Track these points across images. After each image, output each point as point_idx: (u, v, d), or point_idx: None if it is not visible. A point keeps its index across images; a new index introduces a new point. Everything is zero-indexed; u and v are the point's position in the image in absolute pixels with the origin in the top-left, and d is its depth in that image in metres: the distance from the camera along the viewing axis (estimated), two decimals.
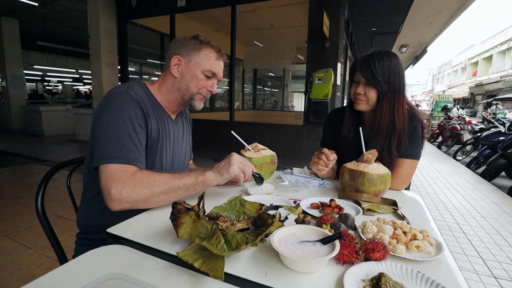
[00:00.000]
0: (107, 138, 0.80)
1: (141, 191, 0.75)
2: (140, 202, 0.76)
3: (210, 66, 0.98)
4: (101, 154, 0.79)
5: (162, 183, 0.77)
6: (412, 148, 1.13)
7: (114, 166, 0.77)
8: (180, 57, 0.97)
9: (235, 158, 0.86)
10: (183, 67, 0.97)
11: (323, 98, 3.98)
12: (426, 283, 0.50)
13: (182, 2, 4.87)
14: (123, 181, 0.75)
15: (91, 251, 0.60)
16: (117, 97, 0.86)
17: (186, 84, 0.98)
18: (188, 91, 0.99)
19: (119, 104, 0.85)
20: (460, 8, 6.04)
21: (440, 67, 46.34)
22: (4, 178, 4.02)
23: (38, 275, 0.54)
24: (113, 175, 0.76)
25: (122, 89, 0.89)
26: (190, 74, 0.97)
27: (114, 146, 0.79)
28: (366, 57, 1.10)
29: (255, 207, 0.76)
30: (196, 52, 0.97)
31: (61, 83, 17.52)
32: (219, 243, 0.54)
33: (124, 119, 0.83)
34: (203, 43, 0.98)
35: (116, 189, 0.74)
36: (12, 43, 7.59)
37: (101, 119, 0.84)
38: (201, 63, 0.97)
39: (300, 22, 5.25)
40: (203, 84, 0.99)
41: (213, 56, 0.98)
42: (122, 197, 0.74)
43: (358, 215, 0.81)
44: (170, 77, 0.99)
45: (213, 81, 1.01)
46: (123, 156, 0.79)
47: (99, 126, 0.83)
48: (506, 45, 21.96)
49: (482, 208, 3.19)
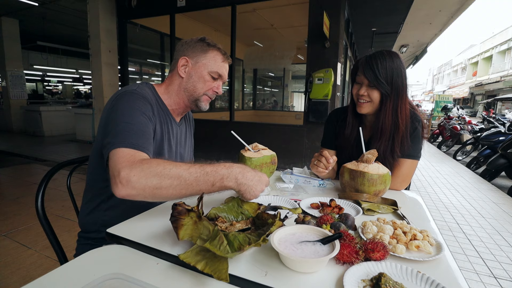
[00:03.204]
0: (116, 127, 0.80)
1: (149, 178, 0.69)
2: (147, 190, 0.70)
3: (217, 67, 1.01)
4: (110, 142, 0.77)
5: (173, 175, 0.71)
6: (413, 148, 1.13)
7: (122, 149, 0.75)
8: (188, 58, 0.99)
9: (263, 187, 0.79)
10: (190, 68, 1.00)
11: (323, 98, 3.98)
12: (426, 283, 0.50)
13: (182, 2, 4.87)
14: (131, 164, 0.71)
15: (91, 251, 0.60)
16: (128, 94, 0.88)
17: (193, 84, 1.00)
18: (194, 91, 1.01)
19: (129, 99, 0.87)
20: (460, 8, 6.04)
21: (440, 67, 46.33)
22: (4, 178, 4.02)
23: (38, 275, 0.54)
24: (120, 158, 0.73)
25: (132, 88, 0.91)
26: (197, 75, 1.00)
27: (123, 133, 0.78)
28: (369, 58, 1.09)
29: (253, 207, 0.76)
30: (203, 54, 1.00)
31: (61, 83, 17.53)
32: (221, 244, 0.54)
33: (134, 111, 0.84)
34: (210, 46, 1.01)
35: (124, 171, 0.69)
36: (12, 43, 7.58)
37: (110, 114, 0.85)
38: (208, 64, 1.00)
39: (300, 22, 5.24)
40: (209, 85, 1.02)
41: (220, 58, 1.01)
42: (129, 180, 0.68)
43: (358, 215, 0.81)
44: (177, 78, 1.02)
45: (218, 82, 1.04)
46: (132, 142, 0.77)
47: (109, 120, 0.84)
48: (506, 45, 21.96)
49: (482, 208, 3.19)
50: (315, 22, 3.91)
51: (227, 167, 0.75)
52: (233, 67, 4.80)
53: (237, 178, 0.74)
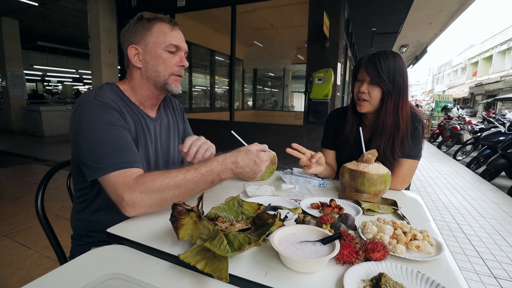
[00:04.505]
0: (93, 152, 0.77)
1: (151, 196, 0.72)
2: (154, 206, 0.74)
3: (169, 39, 0.90)
4: (94, 167, 0.76)
5: (172, 187, 0.73)
6: (413, 148, 1.13)
7: (112, 174, 0.74)
8: (135, 45, 0.90)
9: (265, 164, 0.80)
10: (142, 54, 0.90)
11: (323, 98, 3.98)
12: (426, 283, 0.50)
13: (182, 2, 4.87)
14: (128, 187, 0.72)
15: (91, 251, 0.60)
16: (87, 106, 0.81)
17: (154, 69, 0.91)
18: (158, 76, 0.91)
19: (91, 113, 0.80)
20: (460, 8, 6.04)
21: (440, 67, 46.34)
22: (4, 178, 4.02)
23: (38, 275, 0.54)
24: (115, 184, 0.73)
25: (90, 97, 0.83)
26: (153, 57, 0.90)
27: (103, 157, 0.76)
28: (372, 56, 1.10)
29: (253, 207, 0.76)
30: (149, 32, 0.89)
31: (61, 83, 17.53)
32: (221, 244, 0.54)
33: (101, 126, 0.79)
34: (151, 20, 0.90)
35: (126, 195, 0.71)
36: (12, 43, 7.58)
37: (79, 133, 0.79)
38: (158, 41, 0.89)
39: (300, 22, 5.24)
40: (171, 62, 0.92)
41: (167, 28, 0.91)
42: (135, 202, 0.71)
43: (358, 215, 0.81)
44: (135, 70, 0.93)
45: (179, 54, 0.94)
46: (116, 162, 0.75)
47: (80, 140, 0.79)
48: (506, 45, 21.96)
49: (482, 208, 3.19)
50: (315, 22, 3.91)
51: (220, 161, 0.78)
52: (233, 67, 4.80)
53: (231, 169, 0.78)
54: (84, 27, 5.96)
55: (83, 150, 0.79)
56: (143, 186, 0.72)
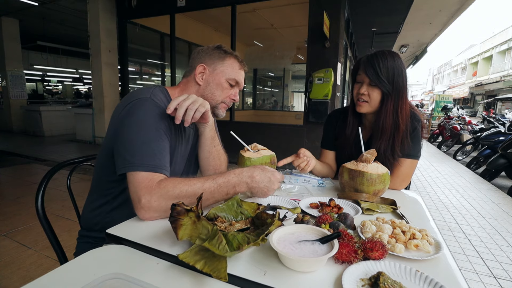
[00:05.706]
0: (132, 146, 0.80)
1: (168, 201, 0.74)
2: (168, 212, 0.75)
3: (234, 75, 1.01)
4: (127, 161, 0.79)
5: (190, 195, 0.77)
6: (413, 147, 1.14)
7: (141, 174, 0.77)
8: (205, 65, 0.99)
9: (278, 184, 0.87)
10: (207, 75, 1.00)
11: (323, 98, 3.98)
12: (424, 282, 0.50)
13: (182, 2, 4.87)
14: (150, 190, 0.75)
15: (91, 251, 0.61)
16: (142, 103, 0.86)
17: (211, 92, 1.00)
18: (213, 99, 1.01)
19: (145, 111, 0.85)
20: (460, 8, 6.04)
21: (440, 67, 46.31)
22: (4, 178, 4.02)
23: (38, 275, 0.54)
24: (140, 184, 0.76)
25: (146, 95, 0.88)
26: (215, 82, 1.00)
27: (139, 154, 0.79)
28: (370, 57, 1.09)
29: (252, 207, 0.76)
30: (221, 61, 1.00)
31: (61, 83, 17.52)
32: (220, 243, 0.54)
33: (149, 127, 0.83)
34: (227, 53, 1.01)
35: (145, 198, 0.74)
36: (12, 43, 7.58)
37: (125, 125, 0.83)
38: (226, 71, 1.00)
39: (300, 22, 5.24)
40: (227, 93, 1.02)
41: (237, 65, 1.02)
42: (151, 206, 0.74)
43: (357, 215, 0.81)
44: (193, 85, 1.01)
45: (235, 89, 1.04)
46: (149, 163, 0.78)
47: (123, 132, 0.83)
48: (506, 45, 21.95)
49: (482, 208, 3.20)
50: (315, 22, 3.91)
51: (237, 174, 0.83)
52: None
53: (247, 183, 0.83)
54: (84, 27, 5.97)
55: (124, 140, 0.82)
56: (164, 190, 0.75)
